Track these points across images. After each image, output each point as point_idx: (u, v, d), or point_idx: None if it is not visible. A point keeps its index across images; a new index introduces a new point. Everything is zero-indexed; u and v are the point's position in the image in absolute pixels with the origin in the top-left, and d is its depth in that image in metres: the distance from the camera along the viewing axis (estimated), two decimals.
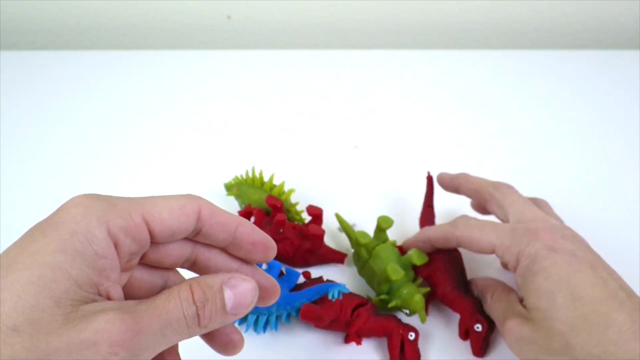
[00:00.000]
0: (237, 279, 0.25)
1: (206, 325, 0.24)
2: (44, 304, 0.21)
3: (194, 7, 0.80)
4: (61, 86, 0.71)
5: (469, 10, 0.80)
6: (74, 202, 0.24)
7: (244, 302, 0.25)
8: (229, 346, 0.29)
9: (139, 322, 0.22)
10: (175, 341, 0.24)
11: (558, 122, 0.66)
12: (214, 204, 0.27)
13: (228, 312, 0.25)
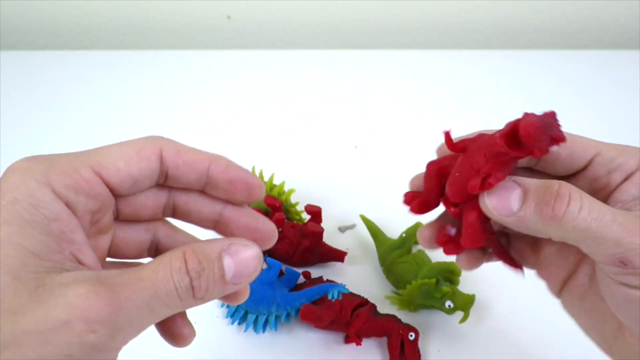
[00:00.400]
0: (238, 245, 0.23)
1: (202, 297, 0.22)
2: (1, 282, 0.19)
3: (194, 7, 0.80)
4: (61, 86, 0.71)
5: (469, 10, 0.80)
6: (12, 168, 0.21)
7: (246, 271, 0.23)
8: (178, 338, 0.27)
9: (118, 294, 0.20)
10: (167, 314, 0.22)
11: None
12: (181, 143, 0.25)
13: (228, 282, 0.22)
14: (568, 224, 0.23)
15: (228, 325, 0.44)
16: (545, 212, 0.23)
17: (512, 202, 0.24)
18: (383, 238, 0.48)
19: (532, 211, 0.23)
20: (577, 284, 0.28)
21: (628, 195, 0.25)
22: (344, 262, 0.48)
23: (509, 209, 0.24)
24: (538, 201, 0.23)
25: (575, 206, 0.23)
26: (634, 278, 0.23)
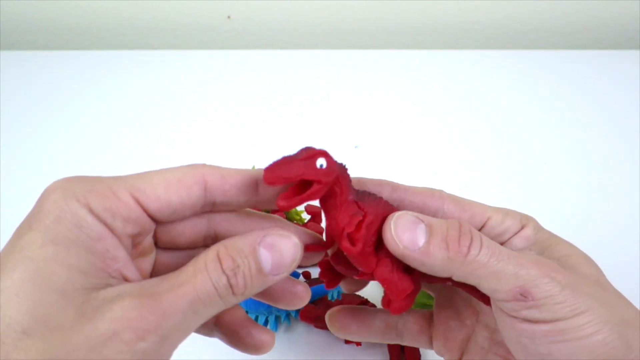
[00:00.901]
0: (273, 235, 0.22)
1: (243, 293, 0.22)
2: (48, 299, 0.19)
3: (194, 7, 0.80)
4: (61, 86, 0.71)
5: (469, 10, 0.80)
6: (53, 187, 0.21)
7: (285, 261, 0.22)
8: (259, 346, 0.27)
9: (161, 303, 0.20)
10: (211, 314, 0.22)
11: (558, 122, 0.66)
12: (223, 167, 0.24)
13: (267, 274, 0.22)
14: (472, 259, 0.24)
15: None
16: (451, 248, 0.24)
17: (418, 236, 0.24)
18: None
19: (438, 247, 0.24)
20: (477, 348, 0.29)
21: (515, 247, 0.27)
22: None
23: (414, 243, 0.24)
24: (443, 237, 0.24)
25: (477, 243, 0.24)
26: (536, 311, 0.23)
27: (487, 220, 0.28)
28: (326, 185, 0.24)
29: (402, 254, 0.24)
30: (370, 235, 0.25)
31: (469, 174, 0.58)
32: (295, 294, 0.27)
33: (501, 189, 0.56)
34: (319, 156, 0.24)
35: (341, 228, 0.24)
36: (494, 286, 0.24)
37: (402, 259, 0.25)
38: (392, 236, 0.24)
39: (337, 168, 0.24)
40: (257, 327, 0.27)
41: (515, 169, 0.59)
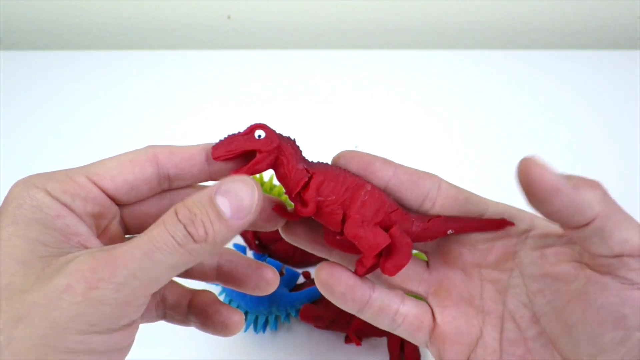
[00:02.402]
0: (228, 182, 0.23)
1: (206, 240, 0.22)
2: (10, 268, 0.21)
3: (194, 7, 0.80)
4: (61, 86, 0.71)
5: (469, 10, 0.80)
6: (16, 182, 0.24)
7: (244, 203, 0.22)
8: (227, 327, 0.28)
9: (114, 254, 0.21)
10: (175, 264, 0.22)
11: (558, 122, 0.66)
12: (175, 145, 0.26)
13: (229, 220, 0.22)
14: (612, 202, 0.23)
15: None
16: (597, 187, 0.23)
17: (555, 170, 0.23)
18: None
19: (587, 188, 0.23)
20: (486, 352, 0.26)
21: None
22: None
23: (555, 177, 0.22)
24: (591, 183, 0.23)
25: None
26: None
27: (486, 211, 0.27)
28: (268, 153, 0.26)
29: (556, 184, 0.22)
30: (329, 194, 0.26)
31: (469, 174, 0.58)
32: (262, 277, 0.28)
33: (501, 188, 0.56)
34: (257, 128, 0.26)
35: (290, 192, 0.26)
36: (626, 235, 0.22)
37: (553, 190, 0.22)
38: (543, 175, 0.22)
39: (278, 138, 0.27)
40: (225, 306, 0.28)
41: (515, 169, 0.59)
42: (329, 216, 0.26)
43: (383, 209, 0.27)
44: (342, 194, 0.26)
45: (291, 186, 0.26)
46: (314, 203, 0.26)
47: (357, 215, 0.26)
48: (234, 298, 0.43)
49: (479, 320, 0.27)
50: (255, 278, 0.28)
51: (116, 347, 0.22)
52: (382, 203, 0.27)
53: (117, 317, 0.21)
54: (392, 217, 0.27)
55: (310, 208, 0.26)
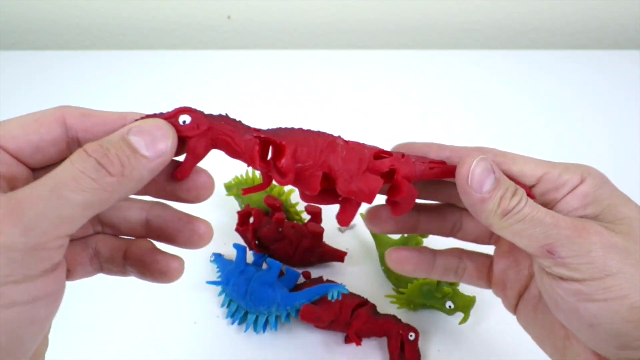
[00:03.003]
0: (141, 122, 0.23)
1: (122, 173, 0.21)
2: None
3: (194, 7, 0.80)
4: (61, 86, 0.71)
5: (469, 10, 0.80)
6: None
7: (159, 138, 0.22)
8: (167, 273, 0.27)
9: (17, 196, 0.20)
10: (90, 201, 0.21)
11: (558, 121, 0.66)
12: (88, 108, 0.25)
13: (147, 155, 0.22)
14: (512, 217, 0.26)
15: (228, 325, 0.44)
16: (502, 205, 0.26)
17: (486, 183, 0.26)
18: (383, 238, 0.48)
19: (493, 200, 0.26)
20: (530, 297, 0.30)
21: (569, 206, 0.28)
22: (344, 262, 0.48)
23: (481, 187, 0.26)
24: (502, 194, 0.26)
25: (523, 203, 0.26)
26: (564, 269, 0.25)
27: (543, 175, 0.28)
28: (198, 137, 0.25)
29: (465, 189, 0.26)
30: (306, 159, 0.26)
31: None
32: (194, 231, 0.27)
33: None
34: (181, 113, 0.25)
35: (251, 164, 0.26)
36: (526, 242, 0.26)
37: (462, 192, 0.27)
38: (467, 171, 0.26)
39: (208, 120, 0.26)
40: (163, 254, 0.27)
41: None
42: (309, 179, 0.26)
43: (365, 156, 0.28)
44: (318, 156, 0.26)
45: (247, 159, 0.26)
46: (293, 172, 0.26)
47: (344, 174, 0.27)
48: (234, 298, 0.43)
49: (529, 271, 0.31)
50: (187, 232, 0.27)
51: (41, 295, 0.21)
52: (361, 151, 0.28)
53: (32, 262, 0.20)
54: (394, 165, 0.28)
55: (289, 177, 0.26)
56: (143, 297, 0.46)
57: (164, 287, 0.47)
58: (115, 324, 0.44)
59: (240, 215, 0.47)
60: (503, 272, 0.32)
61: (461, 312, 0.42)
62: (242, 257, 0.44)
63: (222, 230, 0.51)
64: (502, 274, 0.32)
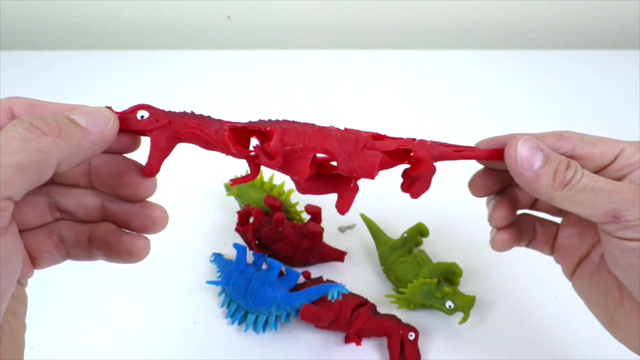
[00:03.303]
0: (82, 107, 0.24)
1: (58, 134, 0.22)
2: None
3: (194, 7, 0.80)
4: (61, 86, 0.71)
5: (469, 10, 0.80)
6: None
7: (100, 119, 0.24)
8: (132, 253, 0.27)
9: None
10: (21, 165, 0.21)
11: (558, 122, 0.66)
12: (39, 100, 0.25)
13: (85, 128, 0.23)
14: (571, 187, 0.28)
15: (228, 325, 0.44)
16: (557, 178, 0.28)
17: (535, 160, 0.28)
18: (383, 238, 0.48)
19: (547, 175, 0.28)
20: (589, 263, 0.32)
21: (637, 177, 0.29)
22: (344, 262, 0.48)
23: (530, 165, 0.28)
24: (554, 168, 0.28)
25: (579, 174, 0.28)
26: (629, 231, 0.27)
27: (620, 152, 0.30)
28: (158, 130, 0.26)
29: (517, 170, 0.28)
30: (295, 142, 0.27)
31: (469, 173, 0.58)
32: (148, 215, 0.27)
33: None
34: (139, 109, 0.27)
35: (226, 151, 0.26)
36: (590, 211, 0.28)
37: (515, 174, 0.29)
38: (515, 152, 0.28)
39: (169, 115, 0.27)
40: (128, 234, 0.27)
41: None
42: (298, 162, 0.27)
43: (361, 137, 0.28)
44: (308, 140, 0.27)
45: (221, 146, 0.26)
46: (281, 155, 0.27)
47: (342, 154, 0.27)
48: (234, 298, 0.43)
49: (592, 240, 0.32)
50: (141, 217, 0.28)
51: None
52: (356, 132, 0.28)
53: None
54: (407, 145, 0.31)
55: (277, 160, 0.26)
56: (143, 297, 0.46)
57: (164, 287, 0.47)
58: (116, 323, 0.44)
59: (240, 215, 0.47)
60: (567, 239, 0.33)
61: (461, 312, 0.42)
62: (242, 257, 0.44)
63: (222, 230, 0.51)
64: (567, 240, 0.33)
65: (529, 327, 0.44)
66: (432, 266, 0.45)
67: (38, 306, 0.45)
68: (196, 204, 0.54)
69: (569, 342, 0.43)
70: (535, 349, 0.43)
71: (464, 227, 0.52)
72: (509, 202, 0.34)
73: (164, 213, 0.28)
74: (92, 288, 0.46)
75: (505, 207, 0.33)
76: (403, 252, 0.46)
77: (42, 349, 0.42)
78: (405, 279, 0.44)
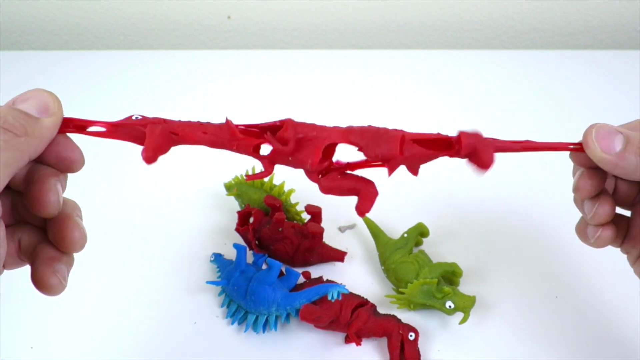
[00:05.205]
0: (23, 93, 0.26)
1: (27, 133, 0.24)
2: None
3: (194, 7, 0.80)
4: (61, 86, 0.71)
5: (469, 10, 0.80)
6: None
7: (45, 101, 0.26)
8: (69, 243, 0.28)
9: None
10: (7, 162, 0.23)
11: (558, 122, 0.66)
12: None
13: (38, 117, 0.25)
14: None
15: (228, 325, 0.44)
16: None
17: (615, 143, 0.28)
18: (384, 238, 0.48)
19: (632, 152, 0.28)
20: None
21: None
22: (344, 262, 0.48)
23: (611, 148, 0.28)
24: (638, 145, 0.28)
25: None
26: None
27: None
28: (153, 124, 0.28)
29: (600, 156, 0.29)
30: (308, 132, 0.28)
31: (468, 174, 0.58)
32: (68, 158, 0.29)
33: (500, 186, 0.56)
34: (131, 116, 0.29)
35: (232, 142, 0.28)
36: None
37: (600, 162, 0.29)
38: (592, 140, 0.29)
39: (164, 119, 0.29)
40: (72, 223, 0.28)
41: (515, 169, 0.58)
42: (309, 148, 0.28)
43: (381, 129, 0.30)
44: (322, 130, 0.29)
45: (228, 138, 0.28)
46: (294, 141, 0.28)
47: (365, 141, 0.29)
48: (234, 298, 0.43)
49: None
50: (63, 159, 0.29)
51: None
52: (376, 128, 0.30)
53: None
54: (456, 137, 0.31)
55: (290, 145, 0.28)
56: (143, 297, 0.46)
57: (164, 288, 0.47)
58: (116, 323, 0.44)
59: (240, 215, 0.47)
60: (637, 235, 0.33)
61: (461, 312, 0.42)
62: (242, 257, 0.44)
63: (222, 230, 0.51)
64: (637, 229, 0.33)
65: (529, 327, 0.44)
66: (432, 266, 0.45)
67: (38, 306, 0.45)
68: (196, 204, 0.54)
69: (569, 342, 0.43)
70: (535, 349, 0.43)
71: (464, 227, 0.52)
72: (609, 197, 0.33)
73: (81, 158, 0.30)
74: (92, 288, 0.46)
75: (608, 204, 0.33)
76: (403, 252, 0.46)
77: (42, 349, 0.42)
78: (405, 279, 0.44)
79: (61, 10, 0.80)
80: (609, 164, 0.29)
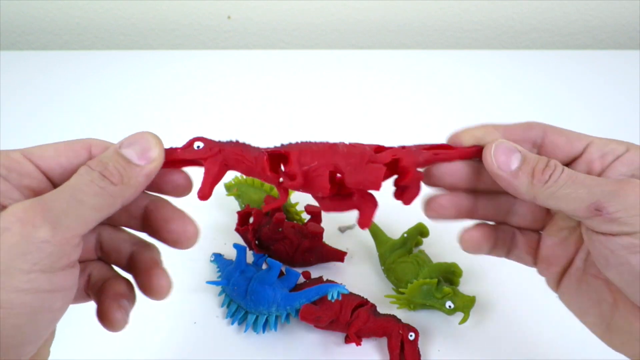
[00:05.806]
0: (128, 137, 0.27)
1: (123, 182, 0.25)
2: None
3: (194, 7, 0.80)
4: (61, 86, 0.71)
5: (469, 10, 0.80)
6: None
7: (147, 148, 0.27)
8: (156, 290, 0.30)
9: (43, 199, 0.23)
10: (102, 204, 0.25)
11: (558, 122, 0.65)
12: (111, 143, 0.28)
13: (138, 164, 0.26)
14: (551, 184, 0.27)
15: (228, 325, 0.44)
16: (536, 176, 0.28)
17: (512, 161, 0.28)
18: (383, 238, 0.48)
19: (525, 173, 0.28)
20: (574, 270, 0.31)
21: (616, 171, 0.29)
22: (344, 262, 0.48)
23: (508, 166, 0.28)
24: (532, 166, 0.28)
25: (558, 171, 0.28)
26: (614, 225, 0.26)
27: (589, 145, 0.30)
28: (213, 157, 0.29)
29: (496, 172, 0.28)
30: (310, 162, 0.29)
31: None
32: (174, 182, 0.30)
33: None
34: (195, 141, 0.30)
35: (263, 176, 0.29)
36: (572, 206, 0.27)
37: (495, 176, 0.29)
38: (490, 156, 0.29)
39: (218, 145, 0.30)
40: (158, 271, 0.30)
41: None
42: (317, 180, 0.29)
43: (366, 151, 0.29)
44: (322, 157, 0.29)
45: (259, 171, 0.29)
46: (301, 175, 0.28)
47: (348, 167, 0.29)
48: (234, 298, 0.43)
49: (575, 246, 0.31)
50: (170, 184, 0.30)
51: (61, 287, 0.23)
52: (361, 147, 0.30)
53: (57, 255, 0.23)
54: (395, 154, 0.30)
55: (299, 180, 0.28)
56: (143, 297, 0.46)
57: None
58: None
59: (240, 215, 0.47)
60: (550, 248, 0.32)
61: (461, 312, 0.42)
62: (242, 257, 0.44)
63: (222, 230, 0.51)
64: (549, 250, 0.32)
65: (528, 327, 0.44)
66: (432, 266, 0.45)
67: None
68: (196, 204, 0.54)
69: (569, 342, 0.43)
70: (535, 349, 0.43)
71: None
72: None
73: (197, 230, 0.30)
74: None
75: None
76: (403, 252, 0.46)
77: None
78: (405, 279, 0.44)
79: (61, 10, 0.80)
80: (504, 181, 0.28)
